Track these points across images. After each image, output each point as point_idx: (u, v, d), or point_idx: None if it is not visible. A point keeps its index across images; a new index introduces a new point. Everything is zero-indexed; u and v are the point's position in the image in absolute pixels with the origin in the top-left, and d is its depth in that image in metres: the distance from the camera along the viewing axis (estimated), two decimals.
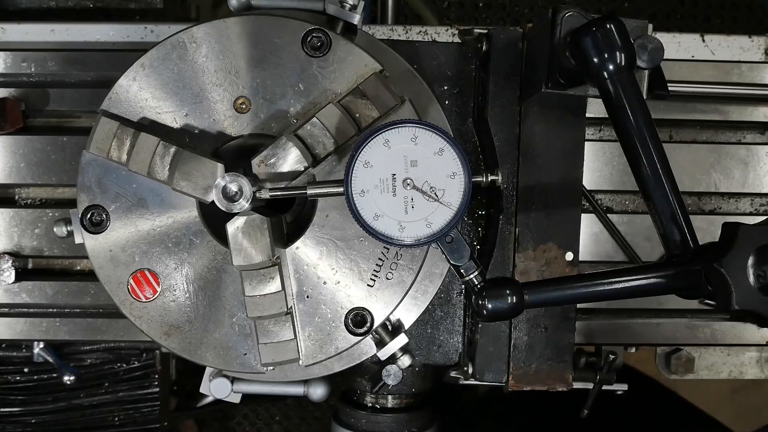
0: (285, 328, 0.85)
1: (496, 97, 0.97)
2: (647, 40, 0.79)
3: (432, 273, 0.97)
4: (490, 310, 0.78)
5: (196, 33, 0.86)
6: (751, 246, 0.71)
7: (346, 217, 0.82)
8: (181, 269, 0.88)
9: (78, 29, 1.10)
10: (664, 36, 1.10)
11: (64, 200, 1.11)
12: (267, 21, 0.86)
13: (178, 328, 0.88)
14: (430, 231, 0.78)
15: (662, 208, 0.78)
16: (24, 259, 1.08)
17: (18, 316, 1.10)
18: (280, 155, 0.82)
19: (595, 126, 1.11)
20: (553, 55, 0.83)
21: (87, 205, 0.87)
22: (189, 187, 0.81)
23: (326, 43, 0.85)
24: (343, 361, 0.95)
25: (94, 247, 0.88)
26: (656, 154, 0.78)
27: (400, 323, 0.96)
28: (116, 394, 1.20)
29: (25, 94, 1.08)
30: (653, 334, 1.12)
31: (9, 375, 1.18)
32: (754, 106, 1.11)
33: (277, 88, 0.86)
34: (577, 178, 0.98)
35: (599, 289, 0.79)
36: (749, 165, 1.11)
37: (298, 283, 0.88)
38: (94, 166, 0.87)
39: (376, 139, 0.77)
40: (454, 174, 0.78)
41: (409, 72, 0.97)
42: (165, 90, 0.87)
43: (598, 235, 1.09)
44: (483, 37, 0.99)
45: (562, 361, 0.99)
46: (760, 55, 1.12)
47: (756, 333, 1.13)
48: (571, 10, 0.81)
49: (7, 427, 1.19)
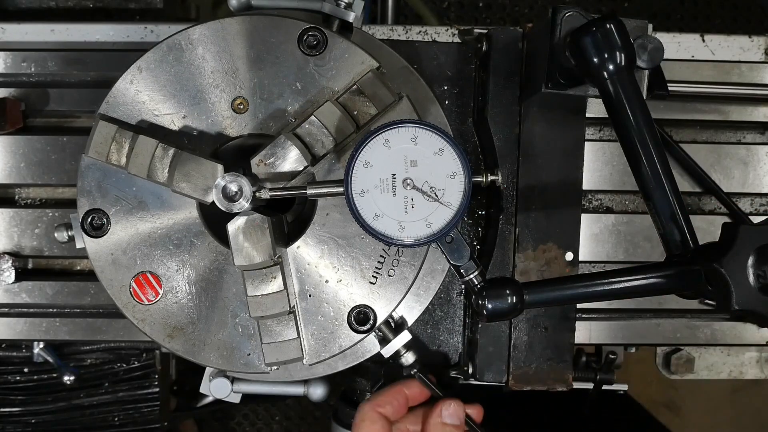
0: (288, 327, 0.85)
1: (496, 97, 0.97)
2: (647, 40, 0.79)
3: (434, 269, 0.97)
4: (490, 310, 0.78)
5: (192, 34, 0.86)
6: (751, 246, 0.71)
7: (346, 215, 0.82)
8: (182, 271, 0.88)
9: (78, 29, 1.09)
10: (664, 36, 1.10)
11: (64, 200, 1.11)
12: (263, 21, 0.86)
13: (182, 330, 0.88)
14: (430, 231, 0.78)
15: (662, 208, 0.78)
16: (24, 259, 1.08)
17: (18, 316, 1.10)
18: (279, 154, 0.82)
19: (595, 126, 1.11)
20: (553, 55, 0.83)
21: (87, 209, 0.87)
22: (189, 188, 0.81)
23: (322, 42, 0.85)
24: (347, 360, 0.95)
25: (95, 251, 0.88)
26: (656, 154, 0.78)
27: (403, 320, 0.96)
28: (116, 394, 1.20)
29: (25, 94, 1.08)
30: (653, 334, 1.12)
31: (9, 375, 1.18)
32: (754, 106, 1.11)
33: (275, 88, 0.86)
34: (577, 178, 0.98)
35: (599, 289, 0.79)
36: (749, 165, 1.11)
37: (300, 282, 0.88)
38: (93, 170, 0.87)
39: (376, 139, 0.77)
40: (454, 174, 0.78)
41: (406, 69, 0.97)
42: (163, 92, 0.87)
43: (598, 235, 1.09)
44: (483, 37, 0.99)
45: (562, 361, 0.99)
46: (760, 55, 1.12)
47: (756, 333, 1.13)
48: (571, 10, 0.81)
49: (7, 427, 1.19)
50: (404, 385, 0.93)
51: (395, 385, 0.93)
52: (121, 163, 0.84)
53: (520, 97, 0.97)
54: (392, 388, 0.93)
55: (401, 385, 0.93)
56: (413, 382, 0.93)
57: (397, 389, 0.92)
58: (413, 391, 0.93)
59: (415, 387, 0.93)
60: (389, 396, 0.91)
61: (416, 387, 0.93)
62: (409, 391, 0.92)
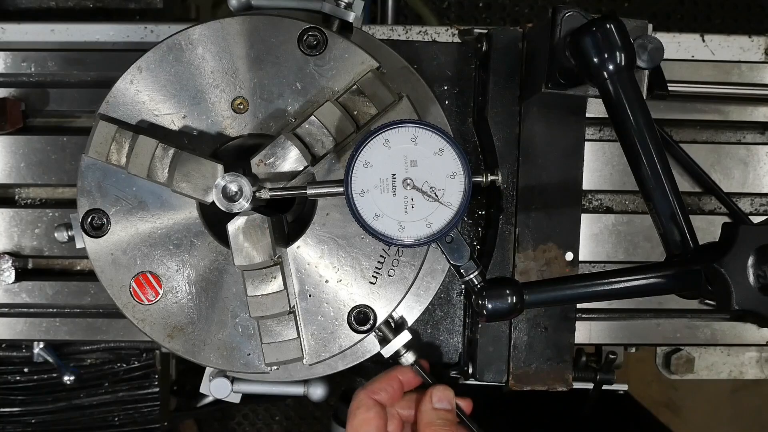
0: (288, 327, 0.86)
1: (496, 97, 0.97)
2: (647, 40, 0.79)
3: (434, 269, 0.97)
4: (490, 310, 0.78)
5: (192, 34, 0.86)
6: (751, 246, 0.71)
7: (346, 215, 0.82)
8: (182, 271, 0.88)
9: (78, 29, 1.10)
10: (664, 36, 1.10)
11: (64, 200, 1.11)
12: (263, 21, 0.86)
13: (182, 330, 0.88)
14: (430, 231, 0.78)
15: (662, 208, 0.78)
16: (24, 259, 1.08)
17: (18, 316, 1.10)
18: (279, 154, 0.82)
19: (595, 126, 1.11)
20: (553, 55, 0.83)
21: (87, 209, 0.87)
22: (189, 188, 0.81)
23: (322, 42, 0.85)
24: (347, 360, 0.95)
25: (95, 251, 0.88)
26: (656, 154, 0.78)
27: (403, 320, 0.96)
28: (116, 394, 1.20)
29: (25, 94, 1.08)
30: (653, 334, 1.12)
31: (9, 375, 1.18)
32: (754, 106, 1.11)
33: (275, 88, 0.86)
34: (577, 178, 0.98)
35: (599, 289, 0.79)
36: (749, 165, 1.11)
37: (300, 282, 0.88)
38: (93, 170, 0.87)
39: (376, 139, 0.77)
40: (454, 174, 0.78)
41: (406, 69, 0.97)
42: (162, 92, 0.87)
43: (598, 235, 1.09)
44: (483, 37, 0.99)
45: (562, 361, 0.99)
46: (760, 55, 1.12)
47: (756, 333, 1.13)
48: (571, 10, 0.81)
49: (7, 427, 1.19)
50: (398, 372, 0.93)
51: (390, 371, 0.94)
52: (121, 163, 0.84)
53: (520, 97, 0.97)
54: (387, 374, 0.94)
55: (396, 372, 0.93)
56: (407, 369, 0.94)
57: (391, 376, 0.93)
58: (407, 377, 0.94)
59: (409, 373, 0.94)
60: (384, 382, 0.93)
61: (410, 373, 0.95)
62: (404, 377, 0.93)
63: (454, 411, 0.92)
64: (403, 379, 0.94)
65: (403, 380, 0.94)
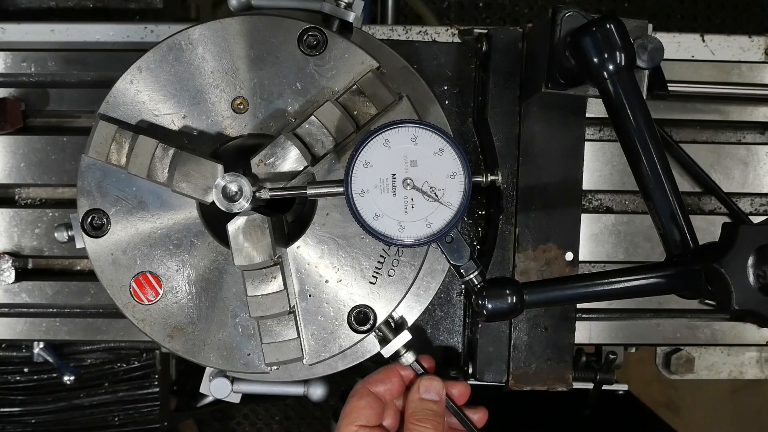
0: (288, 327, 0.86)
1: (496, 97, 0.97)
2: (647, 40, 0.79)
3: (434, 269, 0.97)
4: (490, 310, 0.78)
5: (192, 34, 0.86)
6: (751, 246, 0.71)
7: (346, 215, 0.82)
8: (182, 271, 0.88)
9: (78, 29, 1.10)
10: (664, 36, 1.10)
11: (64, 200, 1.11)
12: (262, 21, 0.86)
13: (182, 330, 0.88)
14: (430, 231, 0.78)
15: (662, 208, 0.78)
16: (24, 259, 1.08)
17: (18, 316, 1.10)
18: (279, 154, 0.81)
19: (595, 126, 1.11)
20: (553, 55, 0.83)
21: (87, 209, 0.87)
22: (189, 188, 0.81)
23: (322, 42, 0.85)
24: (347, 360, 0.95)
25: (95, 251, 0.88)
26: (656, 154, 0.78)
27: (403, 320, 0.96)
28: (116, 394, 1.20)
29: (25, 94, 1.08)
30: (653, 334, 1.12)
31: (9, 375, 1.18)
32: (754, 106, 1.11)
33: (275, 88, 0.86)
34: (577, 178, 0.98)
35: (599, 289, 0.79)
36: (749, 165, 1.11)
37: (300, 282, 0.88)
38: (93, 170, 0.87)
39: (376, 139, 0.77)
40: (454, 174, 0.78)
41: (406, 69, 0.97)
42: (162, 92, 0.87)
43: (598, 235, 1.09)
44: (483, 37, 0.99)
45: (562, 361, 0.99)
46: (760, 55, 1.12)
47: (756, 333, 1.13)
48: (571, 10, 0.81)
49: (7, 427, 1.19)
50: (399, 366, 0.93)
51: (390, 365, 0.94)
52: (121, 163, 0.84)
53: (520, 97, 0.97)
54: (387, 368, 0.94)
55: (396, 366, 0.93)
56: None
57: (391, 370, 0.93)
58: (408, 372, 0.94)
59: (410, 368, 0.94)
60: (382, 375, 0.93)
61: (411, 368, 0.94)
62: (404, 372, 0.93)
63: (442, 402, 0.91)
64: (404, 375, 0.94)
65: (404, 375, 0.94)
